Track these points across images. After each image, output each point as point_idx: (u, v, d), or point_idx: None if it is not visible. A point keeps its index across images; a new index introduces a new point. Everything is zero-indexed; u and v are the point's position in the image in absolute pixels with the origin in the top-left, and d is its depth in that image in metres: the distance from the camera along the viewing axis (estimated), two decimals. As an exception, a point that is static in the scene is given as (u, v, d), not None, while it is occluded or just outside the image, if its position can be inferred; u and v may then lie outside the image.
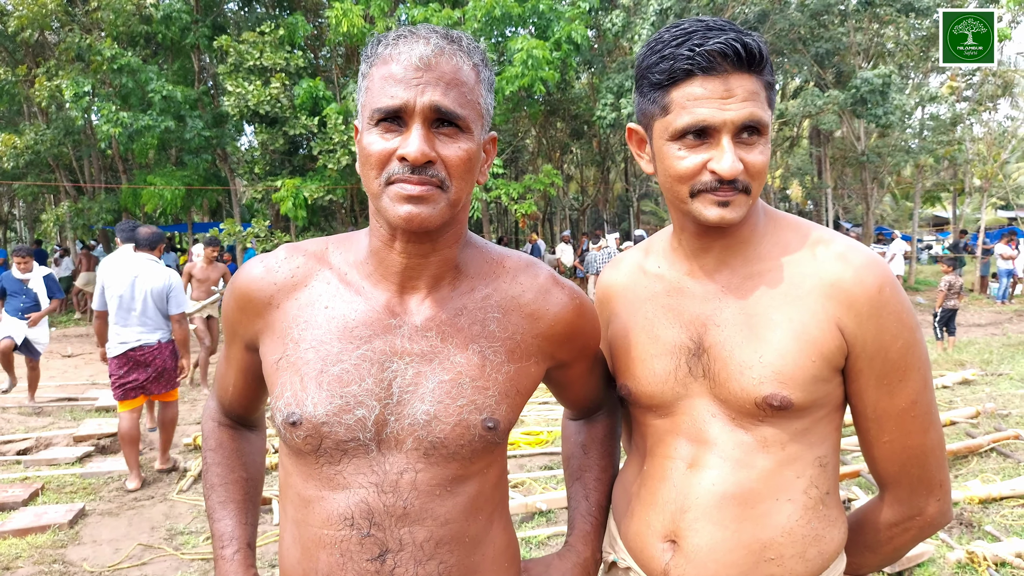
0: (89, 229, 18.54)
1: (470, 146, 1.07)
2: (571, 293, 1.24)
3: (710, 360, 1.20)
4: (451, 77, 1.04)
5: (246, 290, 1.21)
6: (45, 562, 4.03)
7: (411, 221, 1.04)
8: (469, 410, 1.11)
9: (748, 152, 1.12)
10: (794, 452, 1.18)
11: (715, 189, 1.12)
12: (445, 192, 1.06)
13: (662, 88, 1.14)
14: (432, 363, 1.12)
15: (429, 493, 1.10)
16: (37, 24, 15.32)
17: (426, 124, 1.04)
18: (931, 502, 1.23)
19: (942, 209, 33.64)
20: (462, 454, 1.11)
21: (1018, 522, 4.20)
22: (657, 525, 1.25)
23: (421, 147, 1.01)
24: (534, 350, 1.19)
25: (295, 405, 1.10)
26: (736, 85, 1.09)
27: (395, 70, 1.04)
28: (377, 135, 1.05)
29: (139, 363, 5.25)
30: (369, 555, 1.09)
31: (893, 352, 1.15)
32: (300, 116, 15.03)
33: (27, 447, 6.11)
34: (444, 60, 1.04)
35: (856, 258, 1.16)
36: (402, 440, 1.10)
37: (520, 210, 15.64)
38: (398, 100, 1.02)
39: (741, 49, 1.08)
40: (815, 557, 1.19)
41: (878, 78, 15.95)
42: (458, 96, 1.05)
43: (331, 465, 1.11)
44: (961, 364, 9.36)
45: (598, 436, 1.47)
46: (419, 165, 1.02)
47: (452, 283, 1.18)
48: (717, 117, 1.09)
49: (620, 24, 16.48)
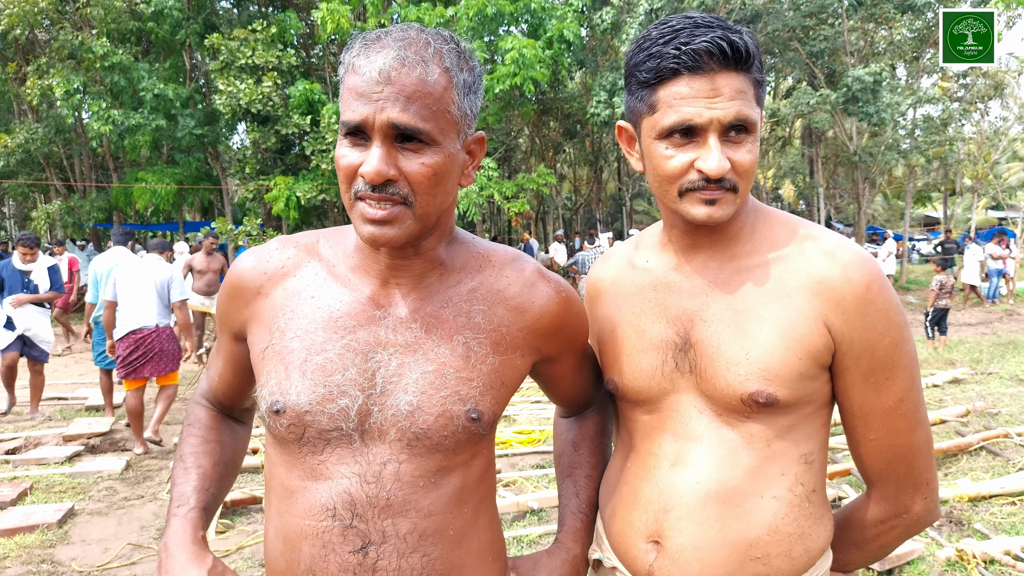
0: (80, 227, 18.45)
1: (436, 159, 1.04)
2: (557, 287, 1.24)
3: (697, 356, 1.20)
4: (412, 90, 1.01)
5: (237, 279, 1.23)
6: (34, 562, 4.01)
7: (376, 241, 1.05)
8: (452, 401, 1.11)
9: (735, 151, 1.11)
10: (779, 449, 1.18)
11: (702, 188, 1.12)
12: (411, 208, 1.04)
13: (649, 87, 1.13)
14: (416, 354, 1.12)
15: (412, 484, 1.10)
16: (27, 22, 15.22)
17: (387, 141, 1.02)
18: (917, 500, 1.23)
19: (933, 209, 33.80)
20: (446, 445, 1.11)
21: (1007, 520, 4.22)
22: (640, 525, 1.24)
23: (377, 167, 1.00)
24: (520, 343, 1.19)
25: (279, 393, 1.11)
26: (723, 84, 1.08)
27: (358, 83, 1.02)
28: (346, 147, 1.05)
29: (139, 343, 5.97)
30: (351, 547, 1.08)
31: (880, 350, 1.14)
32: (292, 115, 14.99)
33: (16, 446, 6.08)
34: (405, 73, 1.01)
35: (844, 255, 1.16)
36: (385, 431, 1.10)
37: (513, 209, 15.64)
38: (358, 115, 1.02)
39: (727, 47, 1.07)
40: (801, 555, 1.19)
41: (869, 76, 16.01)
42: (420, 109, 1.02)
43: (314, 455, 1.11)
44: (951, 363, 9.41)
45: (588, 433, 1.47)
46: (377, 184, 1.02)
47: (438, 278, 1.18)
48: (704, 116, 1.08)
49: (609, 21, 16.49)
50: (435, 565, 1.12)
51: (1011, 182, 28.94)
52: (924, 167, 22.64)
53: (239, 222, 16.76)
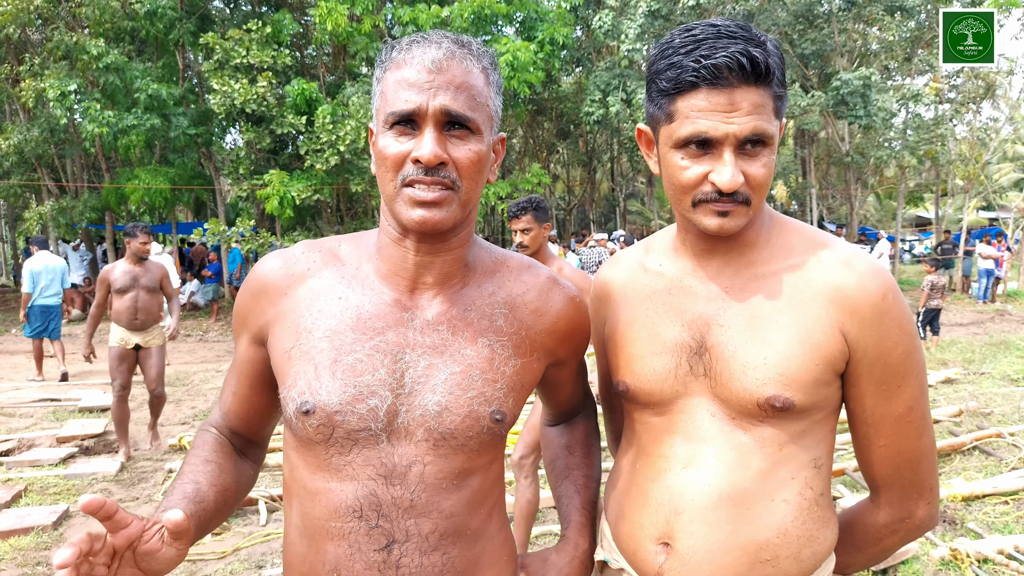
0: (72, 227, 18.35)
1: (480, 148, 1.11)
2: (570, 292, 1.29)
3: (712, 359, 1.21)
4: (461, 81, 1.08)
5: (263, 279, 1.22)
6: (29, 564, 3.99)
7: (424, 224, 1.08)
8: (479, 402, 1.14)
9: (751, 164, 1.12)
10: (790, 453, 1.19)
11: (715, 200, 1.13)
12: (456, 193, 1.10)
13: (668, 96, 1.13)
14: (443, 355, 1.15)
15: (436, 487, 1.12)
16: (20, 21, 15.13)
17: (438, 127, 1.07)
18: (921, 505, 1.25)
19: (925, 210, 33.93)
20: (470, 446, 1.14)
21: (1000, 519, 4.25)
22: (650, 526, 1.24)
23: (434, 149, 1.05)
24: (537, 346, 1.24)
25: (308, 394, 1.11)
26: (741, 98, 1.08)
27: (408, 74, 1.08)
28: (392, 138, 1.09)
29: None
30: (376, 545, 1.10)
31: (893, 358, 1.16)
32: (287, 115, 14.94)
33: (9, 448, 6.05)
34: (455, 64, 1.08)
35: (860, 264, 1.18)
36: (412, 431, 1.12)
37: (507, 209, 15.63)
38: (411, 104, 1.06)
39: (747, 63, 1.07)
40: (808, 558, 1.20)
41: (858, 80, 16.08)
42: (468, 99, 1.08)
43: (341, 455, 1.12)
44: (944, 363, 9.47)
45: (580, 437, 1.49)
46: (432, 167, 1.06)
47: (462, 280, 1.21)
48: (720, 130, 1.09)
49: (609, 24, 16.54)
50: (454, 563, 1.14)
51: (1002, 182, 29.09)
52: (916, 168, 22.73)
53: (232, 223, 16.69)
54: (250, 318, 1.24)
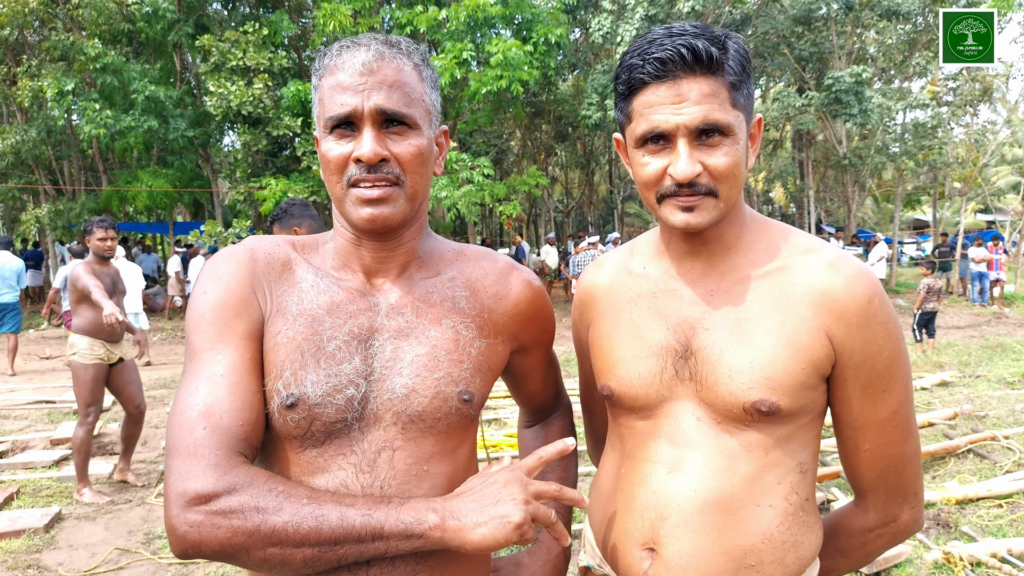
0: (69, 229, 18.33)
1: (420, 142, 1.14)
2: (528, 276, 1.34)
3: (698, 363, 1.20)
4: (394, 79, 1.11)
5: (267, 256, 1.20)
6: (20, 567, 3.98)
7: (374, 222, 1.11)
8: (446, 382, 1.15)
9: (709, 155, 1.11)
10: (776, 458, 1.18)
11: (675, 194, 1.13)
12: (402, 188, 1.13)
13: (625, 98, 1.17)
14: (409, 338, 1.16)
15: (406, 472, 1.12)
16: (17, 23, 15.13)
17: (376, 126, 1.10)
18: (905, 510, 1.25)
19: (922, 213, 33.99)
20: (439, 428, 1.14)
21: (994, 522, 4.25)
22: (635, 532, 1.23)
23: (373, 147, 1.08)
24: (501, 328, 1.26)
25: (294, 385, 1.10)
26: (688, 89, 1.09)
27: (341, 79, 1.11)
28: (333, 142, 1.12)
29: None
30: None
31: (879, 362, 1.16)
32: (284, 117, 14.94)
33: (3, 450, 6.03)
34: (385, 64, 1.11)
35: (846, 268, 1.17)
36: (381, 416, 1.12)
37: (505, 211, 15.64)
38: (347, 107, 1.09)
39: (688, 53, 1.08)
40: (793, 563, 1.19)
41: (851, 77, 16.11)
42: (402, 96, 1.12)
43: (313, 448, 1.11)
44: (939, 366, 9.47)
45: (555, 438, 1.49)
46: (373, 164, 1.09)
47: (418, 269, 1.24)
48: (670, 122, 1.10)
49: (607, 28, 16.56)
50: (426, 559, 1.11)
51: (999, 185, 29.16)
52: (913, 171, 22.75)
53: (229, 224, 16.68)
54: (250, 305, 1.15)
